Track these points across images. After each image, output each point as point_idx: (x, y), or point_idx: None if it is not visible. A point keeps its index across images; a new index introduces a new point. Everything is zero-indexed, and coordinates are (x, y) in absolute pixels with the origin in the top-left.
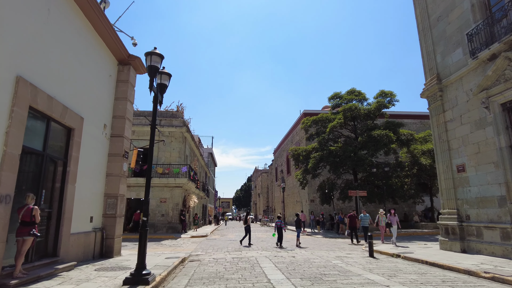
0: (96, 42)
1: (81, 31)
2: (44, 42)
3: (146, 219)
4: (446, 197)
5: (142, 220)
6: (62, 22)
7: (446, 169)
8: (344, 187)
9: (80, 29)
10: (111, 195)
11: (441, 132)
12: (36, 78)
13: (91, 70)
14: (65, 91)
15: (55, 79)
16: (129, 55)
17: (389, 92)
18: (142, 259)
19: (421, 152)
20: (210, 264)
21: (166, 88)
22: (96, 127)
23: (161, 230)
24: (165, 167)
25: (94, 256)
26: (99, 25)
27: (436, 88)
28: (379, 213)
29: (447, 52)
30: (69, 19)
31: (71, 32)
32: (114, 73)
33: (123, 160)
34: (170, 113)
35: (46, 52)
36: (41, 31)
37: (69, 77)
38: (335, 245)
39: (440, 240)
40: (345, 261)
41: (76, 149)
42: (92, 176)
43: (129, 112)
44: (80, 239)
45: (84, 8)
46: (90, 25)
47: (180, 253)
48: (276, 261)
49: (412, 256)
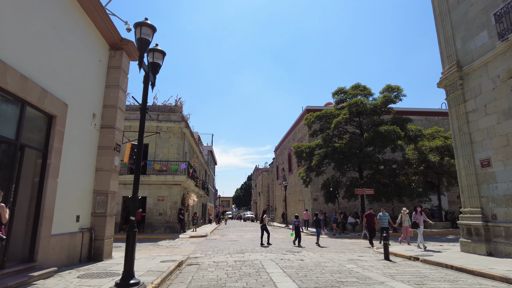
0: (83, 22)
1: (65, 8)
2: (16, 12)
3: (134, 218)
4: (467, 194)
5: (130, 220)
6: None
7: (468, 164)
8: (349, 185)
9: (64, 4)
10: (101, 192)
11: (462, 124)
12: (4, 53)
13: (78, 52)
14: (45, 72)
15: (31, 58)
16: (122, 39)
17: (395, 86)
18: (129, 266)
19: (429, 149)
20: (210, 269)
21: (159, 68)
22: (83, 116)
23: (158, 230)
24: (163, 164)
25: (81, 260)
26: (87, 2)
27: (456, 76)
28: (402, 212)
29: (469, 37)
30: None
31: (52, 6)
32: (105, 59)
33: (115, 153)
34: (168, 108)
35: (18, 24)
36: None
37: (50, 58)
38: (343, 246)
39: (461, 242)
40: (360, 265)
41: (59, 139)
42: (79, 170)
43: (122, 101)
44: (64, 241)
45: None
46: (76, 2)
47: (177, 255)
48: (284, 266)
49: (432, 259)
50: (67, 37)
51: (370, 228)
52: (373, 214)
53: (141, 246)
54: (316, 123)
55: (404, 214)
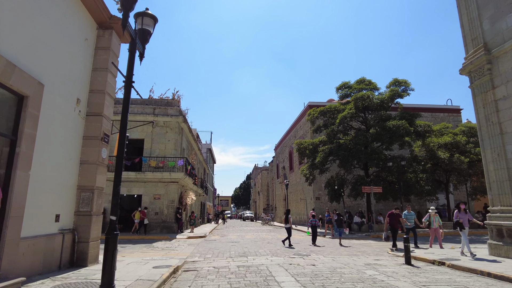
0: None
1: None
2: None
3: (115, 218)
4: (497, 191)
5: (110, 221)
6: None
7: (498, 158)
8: (355, 183)
9: None
10: (86, 187)
11: (490, 113)
12: None
13: (59, 27)
14: (13, 43)
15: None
16: (111, 16)
17: (403, 80)
18: (109, 277)
19: (437, 146)
20: (209, 276)
21: (150, 36)
22: (65, 100)
23: (154, 230)
24: (159, 160)
25: (61, 266)
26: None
27: (484, 59)
28: (430, 212)
29: (499, 16)
30: None
31: None
32: (92, 38)
33: (102, 144)
34: (165, 101)
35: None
36: None
37: (23, 27)
38: (353, 248)
39: (490, 244)
40: (381, 271)
41: (32, 124)
42: (59, 162)
43: (110, 86)
44: (38, 244)
45: None
46: None
47: (173, 259)
48: (295, 272)
49: (462, 265)
50: (47, 8)
51: (394, 229)
52: (398, 213)
53: (135, 248)
54: (320, 119)
55: (433, 214)
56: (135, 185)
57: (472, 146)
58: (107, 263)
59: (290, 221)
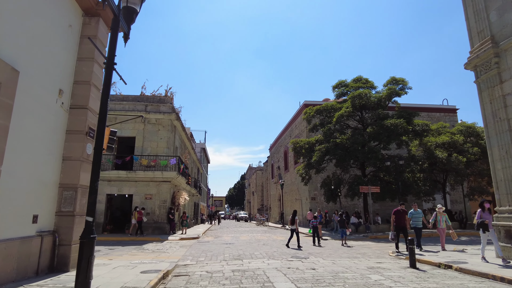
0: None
1: None
2: None
3: (91, 219)
4: (505, 191)
5: (86, 222)
6: None
7: (506, 155)
8: (352, 182)
9: None
10: (68, 186)
11: (497, 109)
12: None
13: (39, 10)
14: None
15: None
16: (98, 2)
17: (400, 79)
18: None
19: (435, 145)
20: (202, 282)
21: (136, 16)
22: (46, 90)
23: (146, 231)
24: (151, 159)
25: (39, 271)
26: None
27: (491, 53)
28: (437, 210)
29: (508, 7)
30: None
31: None
32: (77, 25)
33: (87, 139)
34: (157, 98)
35: None
36: None
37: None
38: (353, 249)
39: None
40: (386, 276)
41: (4, 114)
42: (37, 158)
43: (97, 77)
44: (10, 248)
45: None
46: None
47: (163, 263)
48: (294, 278)
49: (471, 268)
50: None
51: (401, 228)
52: (404, 211)
53: (124, 250)
54: (316, 118)
55: (440, 213)
56: (126, 185)
57: (469, 146)
58: (81, 272)
59: (296, 223)
